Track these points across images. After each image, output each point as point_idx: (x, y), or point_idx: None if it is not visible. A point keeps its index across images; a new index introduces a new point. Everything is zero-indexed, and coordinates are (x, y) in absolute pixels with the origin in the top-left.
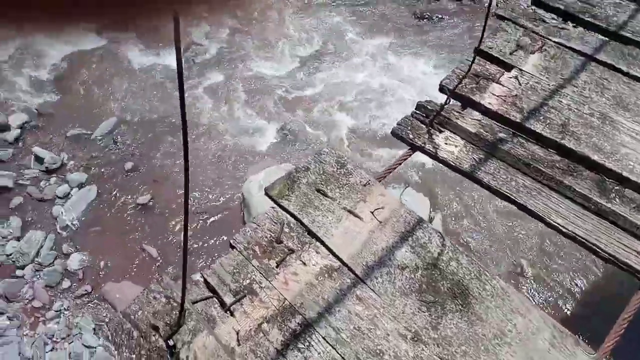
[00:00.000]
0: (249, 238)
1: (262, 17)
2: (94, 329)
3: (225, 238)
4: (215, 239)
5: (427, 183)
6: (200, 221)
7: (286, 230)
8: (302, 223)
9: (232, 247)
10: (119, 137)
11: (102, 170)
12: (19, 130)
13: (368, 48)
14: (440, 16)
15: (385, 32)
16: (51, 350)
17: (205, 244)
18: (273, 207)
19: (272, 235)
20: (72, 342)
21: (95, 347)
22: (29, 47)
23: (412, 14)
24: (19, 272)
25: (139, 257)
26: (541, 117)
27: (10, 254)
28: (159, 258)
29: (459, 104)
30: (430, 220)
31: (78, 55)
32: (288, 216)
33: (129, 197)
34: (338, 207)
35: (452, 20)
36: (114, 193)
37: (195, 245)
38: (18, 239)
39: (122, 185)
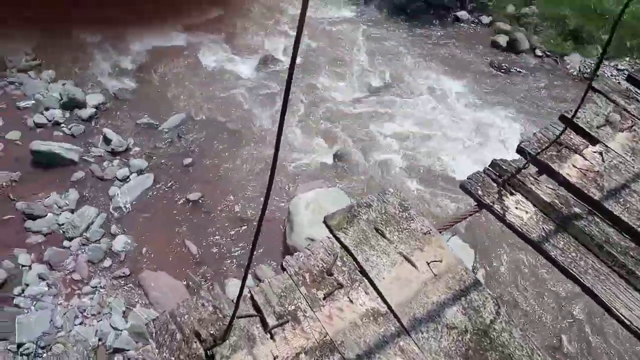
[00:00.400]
0: (301, 264)
1: (340, 40)
2: (124, 312)
3: (263, 250)
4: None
5: (474, 234)
6: (243, 227)
7: (338, 263)
8: (355, 259)
9: (283, 269)
10: (183, 132)
11: (162, 161)
12: (93, 110)
13: (438, 88)
14: (518, 70)
15: (459, 76)
16: (80, 324)
17: (243, 251)
18: (329, 238)
19: (324, 265)
20: (101, 320)
21: (122, 330)
22: (118, 35)
23: (490, 63)
24: (66, 243)
25: (179, 250)
26: (621, 200)
27: (63, 224)
28: (197, 256)
29: (535, 168)
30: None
31: (160, 50)
32: (342, 249)
33: (182, 191)
34: (394, 251)
35: (531, 76)
36: (169, 185)
37: (233, 250)
38: (72, 211)
39: (178, 179)
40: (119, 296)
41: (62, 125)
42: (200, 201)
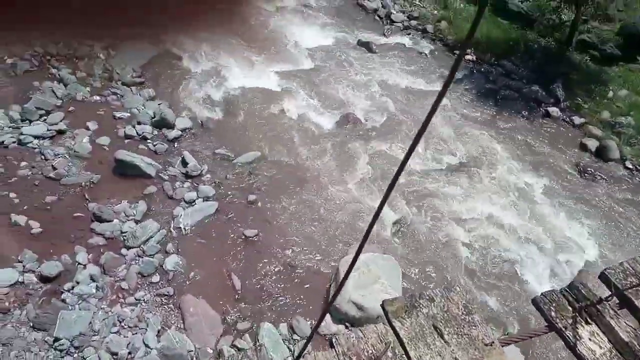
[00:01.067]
0: (350, 345)
1: (422, 110)
2: (159, 331)
3: (304, 302)
4: (296, 298)
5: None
6: (290, 274)
7: (389, 354)
8: (407, 354)
9: (332, 346)
10: (254, 170)
11: (229, 192)
12: (179, 132)
13: (515, 177)
14: (604, 178)
15: (540, 170)
16: (115, 332)
17: (284, 298)
18: (384, 324)
19: (374, 353)
20: (136, 334)
21: (152, 349)
22: (217, 70)
23: (575, 165)
24: (123, 251)
25: (224, 282)
26: None
27: (125, 232)
28: (239, 291)
29: (616, 299)
30: None
31: (253, 89)
32: (396, 340)
33: (240, 225)
34: (450, 355)
35: (616, 187)
36: (229, 216)
37: (275, 294)
38: (137, 222)
39: (239, 213)
40: (157, 314)
41: (149, 140)
42: (255, 239)
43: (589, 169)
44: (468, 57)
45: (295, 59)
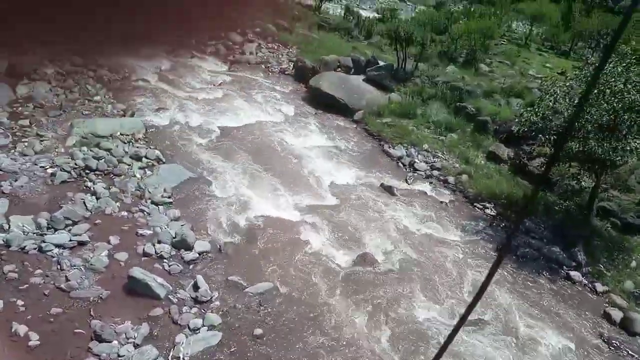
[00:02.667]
0: None
1: (441, 262)
2: None
3: None
4: None
5: None
6: None
7: None
8: None
9: None
10: (265, 302)
11: (236, 323)
12: (196, 255)
13: (537, 343)
14: (630, 352)
15: (562, 337)
16: None
17: None
18: None
19: None
20: None
21: None
22: (242, 198)
23: (599, 335)
24: None
25: None
26: None
27: (122, 357)
28: None
29: None
30: None
31: (275, 220)
32: None
33: None
34: None
35: None
36: (232, 350)
37: None
38: (136, 346)
39: (242, 347)
40: None
41: (165, 260)
42: None
43: (613, 342)
44: (489, 211)
45: (319, 195)
